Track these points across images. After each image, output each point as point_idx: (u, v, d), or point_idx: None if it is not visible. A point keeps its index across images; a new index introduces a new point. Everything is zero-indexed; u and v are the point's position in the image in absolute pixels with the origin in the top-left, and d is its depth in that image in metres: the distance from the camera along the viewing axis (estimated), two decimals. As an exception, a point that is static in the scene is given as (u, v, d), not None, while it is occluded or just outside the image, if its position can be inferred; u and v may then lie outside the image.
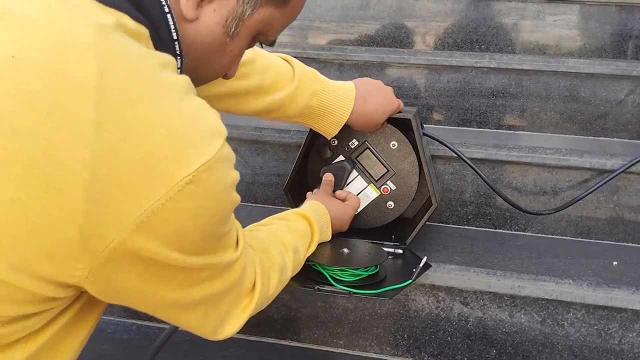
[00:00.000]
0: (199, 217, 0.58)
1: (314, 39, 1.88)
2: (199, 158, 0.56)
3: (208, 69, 0.75)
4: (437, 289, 1.13)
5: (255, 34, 0.74)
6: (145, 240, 0.55)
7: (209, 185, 0.57)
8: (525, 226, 1.34)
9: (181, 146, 0.55)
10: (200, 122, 0.58)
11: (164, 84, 0.57)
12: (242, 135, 1.43)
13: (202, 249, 0.61)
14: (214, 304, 0.69)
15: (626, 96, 1.53)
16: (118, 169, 0.53)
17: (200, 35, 0.69)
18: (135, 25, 0.62)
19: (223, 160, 0.59)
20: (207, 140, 0.57)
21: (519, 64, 1.54)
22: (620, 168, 1.24)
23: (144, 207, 0.54)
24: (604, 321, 1.08)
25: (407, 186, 1.16)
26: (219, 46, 0.72)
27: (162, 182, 0.54)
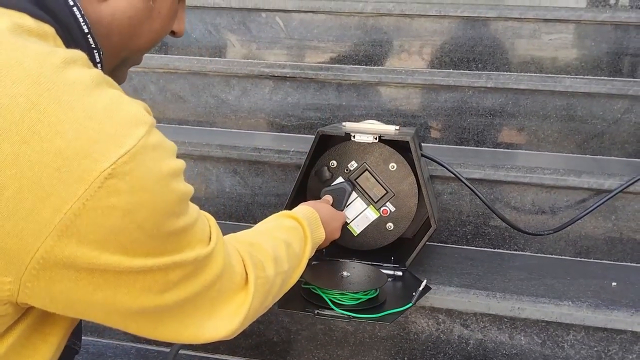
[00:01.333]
0: (134, 213, 0.53)
1: (311, 59, 1.89)
2: (117, 150, 0.52)
3: (141, 37, 0.72)
4: (437, 311, 1.13)
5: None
6: (76, 246, 0.52)
7: (136, 178, 0.53)
8: (524, 246, 1.34)
9: (93, 140, 0.51)
10: (114, 112, 0.54)
11: (68, 80, 0.53)
12: (241, 156, 1.44)
13: (156, 250, 0.57)
14: (193, 307, 0.64)
15: (623, 115, 1.54)
16: (25, 176, 0.50)
17: (119, 10, 0.67)
18: (36, 24, 0.58)
19: (150, 149, 0.54)
20: (124, 130, 0.53)
21: (516, 84, 1.55)
22: (618, 188, 1.25)
23: (63, 211, 0.51)
24: (603, 343, 1.08)
25: (407, 208, 1.17)
26: (144, 13, 0.69)
27: (77, 181, 0.51)
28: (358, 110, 1.66)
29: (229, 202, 1.47)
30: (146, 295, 0.58)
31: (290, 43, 1.90)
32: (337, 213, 1.13)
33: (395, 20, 1.83)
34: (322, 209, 1.04)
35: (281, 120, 1.70)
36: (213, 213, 1.47)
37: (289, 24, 1.89)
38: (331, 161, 1.20)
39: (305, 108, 1.68)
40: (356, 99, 1.66)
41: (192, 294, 0.62)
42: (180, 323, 0.64)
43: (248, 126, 1.72)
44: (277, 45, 1.90)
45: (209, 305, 0.66)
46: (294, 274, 0.88)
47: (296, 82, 1.68)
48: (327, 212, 1.07)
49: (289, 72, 1.67)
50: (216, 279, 0.65)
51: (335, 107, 1.67)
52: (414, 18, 1.81)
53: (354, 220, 1.20)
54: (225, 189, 1.47)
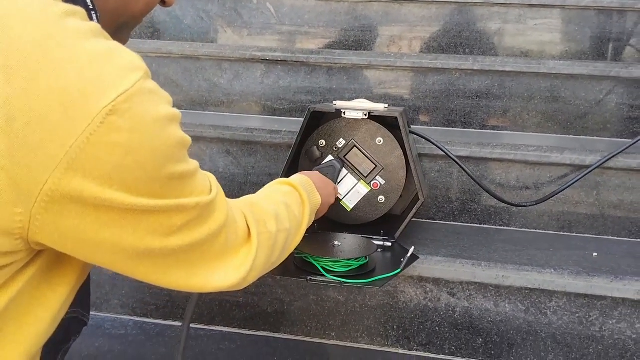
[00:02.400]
0: (136, 152, 0.56)
1: (303, 44, 1.93)
2: (116, 89, 0.55)
3: (137, 3, 0.75)
4: (424, 280, 1.17)
5: None
6: (82, 180, 0.55)
7: (135, 117, 0.56)
8: (509, 221, 1.39)
9: (94, 80, 0.55)
10: (114, 58, 0.57)
11: (69, 27, 0.57)
12: (234, 136, 1.47)
13: (158, 191, 0.59)
14: (200, 255, 0.67)
15: (605, 96, 1.59)
16: (33, 110, 0.53)
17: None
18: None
19: (146, 93, 0.58)
20: (122, 73, 0.57)
21: (502, 66, 1.59)
22: (597, 162, 1.29)
23: (69, 144, 0.54)
24: (585, 309, 1.13)
25: (396, 180, 1.20)
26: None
27: (80, 116, 0.54)
28: (348, 93, 1.69)
29: (223, 181, 1.51)
30: (152, 237, 0.61)
31: (281, 29, 1.93)
32: (329, 180, 1.15)
33: (384, 6, 1.86)
34: (314, 176, 1.06)
35: (273, 104, 1.74)
36: (207, 192, 1.51)
37: (280, 10, 1.93)
38: (320, 140, 1.24)
39: (296, 91, 1.72)
40: (346, 82, 1.69)
41: (197, 240, 0.65)
42: (187, 271, 0.67)
43: (240, 109, 1.75)
44: (269, 31, 1.94)
45: (215, 255, 0.69)
46: (297, 234, 0.91)
47: (287, 65, 1.71)
48: (319, 178, 1.09)
49: (280, 55, 1.70)
50: (220, 230, 0.68)
51: (326, 90, 1.70)
52: (402, 4, 1.85)
53: (346, 196, 1.23)
54: (219, 169, 1.50)
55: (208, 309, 1.27)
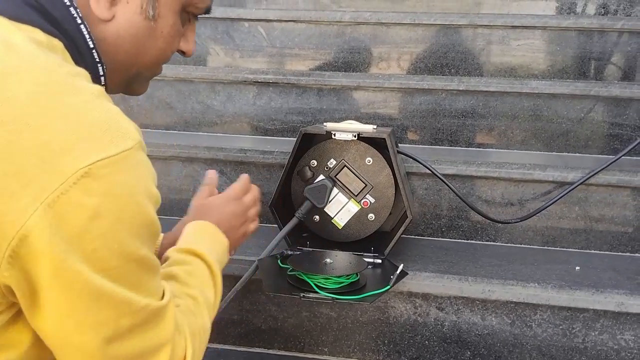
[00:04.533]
0: (100, 218, 0.55)
1: (293, 66, 1.98)
2: (98, 152, 0.55)
3: (146, 54, 0.76)
4: (414, 295, 1.21)
5: (179, 7, 0.76)
6: (48, 240, 0.53)
7: (110, 184, 0.55)
8: (495, 237, 1.43)
9: (79, 139, 0.55)
10: (110, 121, 0.58)
11: (73, 87, 0.59)
12: (227, 157, 1.51)
13: (113, 271, 0.57)
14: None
15: (586, 114, 1.64)
16: (15, 162, 0.54)
17: (123, 30, 0.72)
18: (46, 38, 0.64)
19: (132, 165, 0.57)
20: (111, 138, 0.56)
21: (486, 86, 1.65)
22: (580, 180, 1.34)
23: (41, 199, 0.53)
24: (568, 321, 1.17)
25: (385, 198, 1.25)
26: (146, 32, 0.74)
27: (57, 173, 0.53)
28: (338, 114, 1.74)
29: (217, 201, 1.54)
30: (94, 335, 0.58)
31: (272, 51, 1.98)
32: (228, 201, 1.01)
33: (372, 28, 1.92)
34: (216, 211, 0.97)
35: (265, 124, 1.78)
36: (201, 212, 1.53)
37: (271, 33, 1.98)
38: (311, 161, 1.28)
39: (288, 112, 1.76)
40: (336, 103, 1.74)
41: (139, 352, 0.61)
42: None
43: (233, 130, 1.79)
44: (260, 53, 1.99)
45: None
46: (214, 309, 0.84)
47: (279, 87, 1.76)
48: (220, 210, 0.98)
49: (271, 77, 1.75)
50: (163, 344, 0.64)
51: (317, 111, 1.75)
52: (389, 26, 1.90)
53: (337, 214, 1.27)
54: (213, 189, 1.54)
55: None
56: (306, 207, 1.23)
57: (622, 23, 1.83)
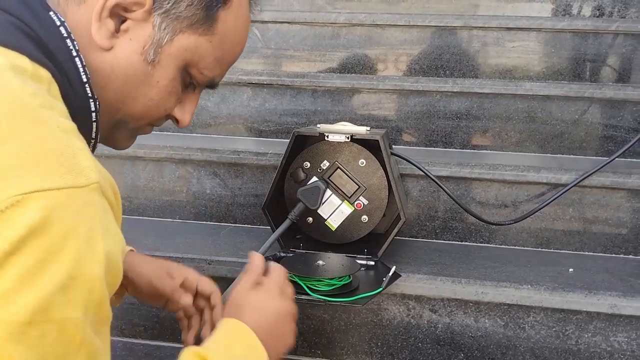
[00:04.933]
0: (21, 254, 0.49)
1: (288, 67, 1.98)
2: (37, 183, 0.50)
3: (136, 101, 0.72)
4: (407, 297, 1.20)
5: (183, 64, 0.72)
6: None
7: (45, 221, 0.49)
8: (489, 238, 1.43)
9: (24, 166, 0.51)
10: (65, 155, 0.53)
11: (37, 117, 0.55)
12: (221, 159, 1.51)
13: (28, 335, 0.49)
14: None
15: (580, 116, 1.64)
16: None
17: (118, 65, 0.69)
18: (32, 67, 0.60)
19: (79, 206, 0.52)
20: (60, 172, 0.52)
21: (480, 88, 1.65)
22: (574, 181, 1.34)
23: None
24: (561, 323, 1.17)
25: (378, 200, 1.24)
26: (140, 75, 0.70)
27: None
28: (333, 115, 1.74)
29: (210, 203, 1.54)
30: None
31: (267, 52, 1.98)
32: (282, 298, 0.85)
33: (366, 30, 1.92)
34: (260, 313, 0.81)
35: (259, 126, 1.78)
36: (195, 214, 1.55)
37: (266, 34, 1.97)
38: (305, 162, 1.28)
39: (282, 114, 1.76)
40: (331, 105, 1.74)
41: None
42: None
43: (227, 132, 1.79)
44: (255, 54, 1.98)
45: None
46: None
47: (273, 88, 1.76)
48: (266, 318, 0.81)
49: (266, 79, 1.75)
50: None
51: (311, 113, 1.75)
52: (384, 28, 1.90)
53: (330, 216, 1.27)
54: (206, 191, 1.54)
55: (196, 329, 1.30)
56: (299, 209, 1.23)
57: (617, 25, 1.83)
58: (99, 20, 0.67)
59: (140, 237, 1.38)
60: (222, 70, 0.78)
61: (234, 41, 0.76)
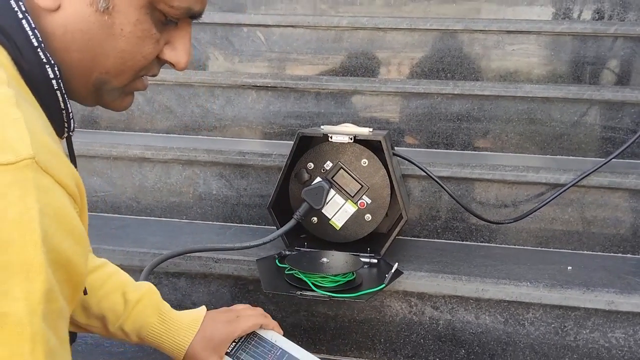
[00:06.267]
0: None
1: (292, 70, 2.01)
2: None
3: (105, 56, 0.64)
4: (409, 294, 1.23)
5: (144, 1, 0.63)
6: None
7: None
8: (490, 238, 1.46)
9: None
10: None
11: None
12: (227, 160, 1.54)
13: None
14: None
15: (580, 118, 1.67)
16: None
17: (71, 23, 0.62)
18: None
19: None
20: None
21: (480, 90, 1.68)
22: (572, 181, 1.37)
23: None
24: (560, 319, 1.19)
25: (381, 198, 1.27)
26: (98, 28, 0.62)
27: None
28: (336, 117, 1.77)
29: (216, 203, 1.57)
30: None
31: (271, 56, 2.01)
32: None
33: (369, 33, 1.95)
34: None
35: (264, 128, 1.81)
36: (201, 215, 1.58)
37: (270, 38, 2.01)
38: (308, 163, 1.31)
39: (286, 116, 1.79)
40: (334, 107, 1.77)
41: None
42: None
43: (232, 134, 1.82)
44: (259, 58, 2.02)
45: None
46: None
47: (277, 91, 1.79)
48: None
49: (270, 82, 1.78)
50: None
51: (315, 115, 1.78)
52: (386, 31, 1.93)
53: (335, 215, 1.30)
54: (212, 192, 1.57)
55: None
56: (304, 209, 1.26)
57: (615, 28, 1.86)
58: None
59: (148, 237, 1.41)
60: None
61: None
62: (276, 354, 0.98)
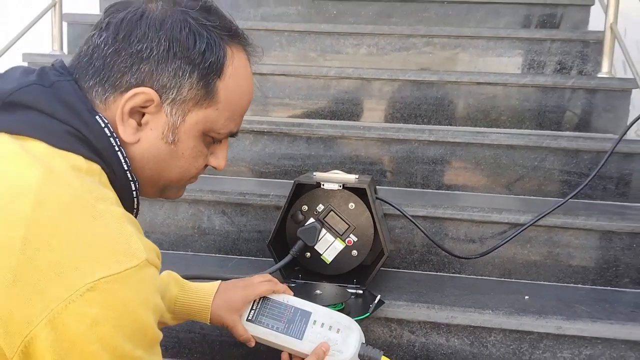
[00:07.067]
0: (100, 324, 0.64)
1: (283, 113, 2.22)
2: (103, 271, 0.65)
3: (170, 172, 0.86)
4: (390, 320, 1.43)
5: (199, 133, 0.85)
6: (52, 342, 0.63)
7: (111, 297, 0.65)
8: (461, 269, 1.67)
9: (89, 259, 0.65)
10: (119, 243, 0.68)
11: (94, 213, 0.69)
12: (229, 199, 1.73)
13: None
14: None
15: (539, 163, 1.90)
16: (36, 274, 0.64)
17: (147, 151, 0.83)
18: (87, 164, 0.76)
19: (133, 281, 0.67)
20: (117, 258, 0.66)
21: (453, 138, 1.90)
22: (530, 222, 1.59)
23: (52, 307, 0.63)
24: (517, 342, 1.40)
25: (366, 237, 1.47)
26: (167, 154, 0.84)
27: (67, 286, 0.64)
28: (325, 159, 1.98)
29: (219, 237, 1.76)
30: None
31: (265, 100, 2.23)
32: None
33: (354, 82, 2.18)
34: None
35: (260, 168, 2.01)
36: (205, 248, 1.77)
37: (264, 85, 2.22)
38: (303, 206, 1.50)
39: (280, 157, 2.00)
40: (323, 150, 1.98)
41: None
42: None
43: (232, 173, 2.02)
44: (254, 102, 2.22)
45: None
46: None
47: (272, 136, 2.00)
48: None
49: (266, 127, 1.99)
50: None
51: (306, 157, 1.99)
52: (370, 81, 2.16)
53: (325, 251, 1.49)
54: (215, 227, 1.76)
55: (210, 348, 1.51)
56: (299, 246, 1.45)
57: (573, 81, 2.11)
58: (122, 123, 0.81)
59: (160, 269, 1.60)
60: (236, 123, 0.90)
61: (239, 98, 0.89)
62: (290, 311, 1.18)
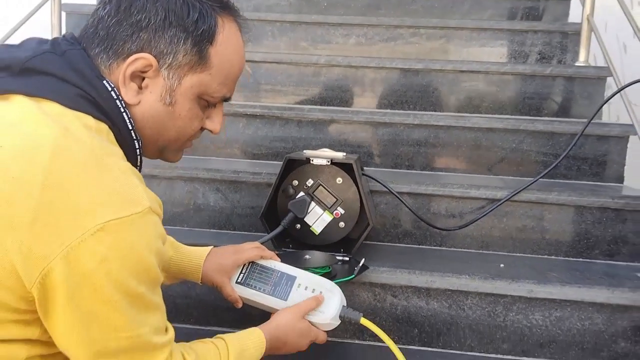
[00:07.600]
0: (108, 261, 0.74)
1: (275, 100, 2.32)
2: (112, 214, 0.75)
3: (169, 131, 0.94)
4: (374, 285, 1.53)
5: (195, 96, 0.93)
6: (66, 276, 0.73)
7: (118, 238, 0.74)
8: (441, 242, 1.77)
9: (100, 204, 0.75)
10: (126, 192, 0.78)
11: (104, 165, 0.79)
12: (223, 177, 1.83)
13: (113, 303, 0.76)
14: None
15: (517, 145, 2.01)
16: (53, 215, 0.73)
17: (147, 112, 0.91)
18: (95, 123, 0.85)
19: (138, 225, 0.77)
20: (124, 204, 0.76)
21: (436, 121, 2.01)
22: (506, 197, 1.70)
23: (66, 244, 0.73)
24: (492, 305, 1.50)
25: (352, 210, 1.58)
26: (165, 114, 0.92)
27: (80, 226, 0.73)
28: (315, 142, 2.08)
29: (213, 213, 1.86)
30: (86, 348, 0.78)
31: (257, 87, 2.33)
32: (303, 336, 1.21)
33: (343, 70, 2.28)
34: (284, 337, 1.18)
35: (252, 150, 2.11)
36: (200, 223, 1.87)
37: (257, 72, 2.32)
38: (293, 181, 1.60)
39: (272, 140, 2.09)
40: (313, 133, 2.08)
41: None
42: None
43: (226, 155, 2.11)
44: (247, 88, 2.33)
45: None
46: None
47: (264, 119, 2.09)
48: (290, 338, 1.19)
49: (258, 111, 2.09)
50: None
51: (297, 139, 2.08)
52: (358, 69, 2.27)
53: (314, 223, 1.59)
54: (210, 203, 1.86)
55: (204, 312, 1.60)
56: (290, 218, 1.55)
57: (551, 69, 2.22)
58: (124, 86, 0.90)
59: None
60: (229, 88, 0.98)
61: (231, 65, 0.96)
62: (277, 276, 1.29)
